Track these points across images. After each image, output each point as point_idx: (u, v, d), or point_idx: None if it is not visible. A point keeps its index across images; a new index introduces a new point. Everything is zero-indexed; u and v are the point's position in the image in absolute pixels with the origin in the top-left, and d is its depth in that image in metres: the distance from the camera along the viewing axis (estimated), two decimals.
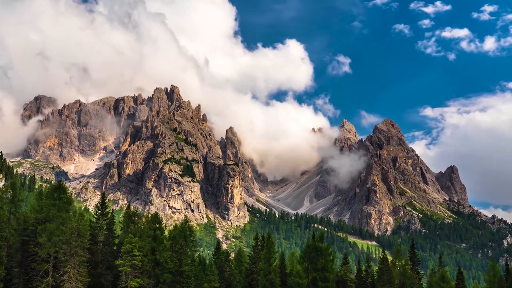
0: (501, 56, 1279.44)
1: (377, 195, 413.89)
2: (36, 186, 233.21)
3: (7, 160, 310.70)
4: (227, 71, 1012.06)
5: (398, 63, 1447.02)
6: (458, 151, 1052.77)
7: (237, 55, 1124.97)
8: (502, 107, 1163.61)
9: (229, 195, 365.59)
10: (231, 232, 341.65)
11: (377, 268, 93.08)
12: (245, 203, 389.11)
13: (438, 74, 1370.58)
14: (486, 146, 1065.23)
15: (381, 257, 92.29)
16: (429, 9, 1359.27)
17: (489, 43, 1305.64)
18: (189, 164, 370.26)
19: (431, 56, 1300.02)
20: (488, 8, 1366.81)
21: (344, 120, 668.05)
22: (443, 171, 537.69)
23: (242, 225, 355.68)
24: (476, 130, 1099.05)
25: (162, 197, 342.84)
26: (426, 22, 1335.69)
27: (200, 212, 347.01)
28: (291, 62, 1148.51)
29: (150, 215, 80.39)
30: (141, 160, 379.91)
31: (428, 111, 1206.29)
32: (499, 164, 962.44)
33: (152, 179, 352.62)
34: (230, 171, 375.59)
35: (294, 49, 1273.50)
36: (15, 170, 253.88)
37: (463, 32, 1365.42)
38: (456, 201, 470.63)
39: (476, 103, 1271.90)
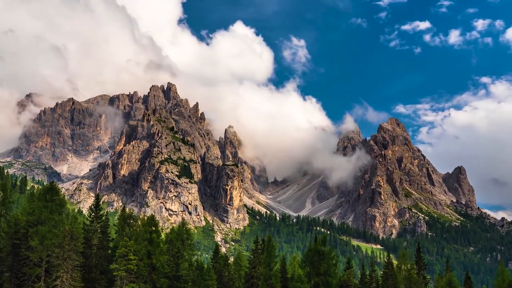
0: (468, 50, 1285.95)
1: (382, 196, 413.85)
2: (28, 188, 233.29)
3: None
4: (184, 60, 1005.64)
5: (364, 58, 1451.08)
6: (439, 150, 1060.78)
7: (189, 43, 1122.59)
8: (478, 104, 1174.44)
9: (228, 197, 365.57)
10: (230, 235, 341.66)
11: (381, 272, 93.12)
12: (245, 205, 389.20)
13: (406, 69, 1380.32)
14: (466, 145, 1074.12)
15: (386, 261, 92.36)
16: (383, 2, 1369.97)
17: (454, 37, 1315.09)
18: (186, 164, 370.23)
19: (395, 49, 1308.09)
20: (445, 2, 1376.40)
21: (348, 119, 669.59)
22: (450, 172, 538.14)
23: (242, 228, 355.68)
24: (453, 127, 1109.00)
25: (159, 199, 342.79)
26: (382, 15, 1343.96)
27: (198, 215, 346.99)
28: (248, 46, 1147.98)
29: (146, 217, 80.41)
30: (136, 161, 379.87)
31: (401, 108, 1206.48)
32: (482, 162, 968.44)
33: (148, 180, 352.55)
34: (229, 172, 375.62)
35: (244, 32, 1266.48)
36: (5, 170, 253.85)
37: (425, 25, 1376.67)
38: (463, 203, 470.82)
39: (450, 99, 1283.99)
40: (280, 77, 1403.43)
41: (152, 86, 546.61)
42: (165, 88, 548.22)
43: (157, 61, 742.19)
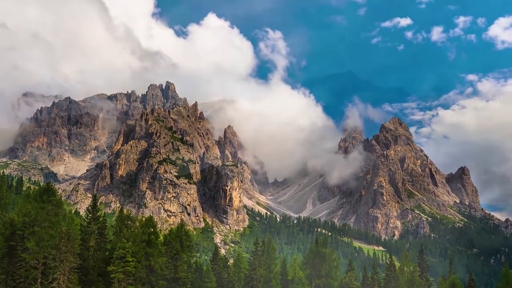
0: (452, 47, 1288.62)
1: (384, 197, 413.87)
2: (24, 188, 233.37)
3: None
4: (168, 55, 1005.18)
5: (347, 55, 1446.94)
6: (429, 150, 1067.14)
7: (167, 37, 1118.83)
8: (465, 103, 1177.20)
9: (228, 198, 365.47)
10: (230, 237, 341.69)
11: (384, 274, 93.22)
12: (245, 206, 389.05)
13: (390, 66, 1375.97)
14: (457, 145, 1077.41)
15: (388, 263, 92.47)
16: None
17: (436, 34, 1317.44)
18: (185, 165, 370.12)
19: (378, 47, 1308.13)
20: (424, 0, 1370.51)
21: (349, 118, 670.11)
22: (454, 172, 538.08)
23: (241, 229, 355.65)
24: (442, 126, 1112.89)
25: (157, 200, 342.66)
26: (361, 12, 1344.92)
27: (197, 216, 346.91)
28: (227, 39, 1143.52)
29: (144, 218, 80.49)
30: (134, 161, 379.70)
31: (387, 107, 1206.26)
32: (475, 162, 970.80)
33: (146, 181, 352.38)
34: (228, 172, 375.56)
35: (219, 25, 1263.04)
36: (1, 171, 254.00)
37: (406, 22, 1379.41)
38: (467, 204, 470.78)
39: (437, 98, 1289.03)
40: (262, 69, 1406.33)
41: (150, 85, 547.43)
42: (163, 87, 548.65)
43: (148, 54, 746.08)
